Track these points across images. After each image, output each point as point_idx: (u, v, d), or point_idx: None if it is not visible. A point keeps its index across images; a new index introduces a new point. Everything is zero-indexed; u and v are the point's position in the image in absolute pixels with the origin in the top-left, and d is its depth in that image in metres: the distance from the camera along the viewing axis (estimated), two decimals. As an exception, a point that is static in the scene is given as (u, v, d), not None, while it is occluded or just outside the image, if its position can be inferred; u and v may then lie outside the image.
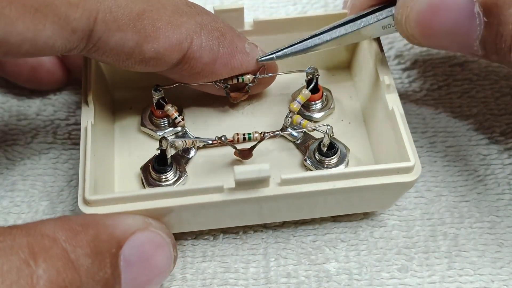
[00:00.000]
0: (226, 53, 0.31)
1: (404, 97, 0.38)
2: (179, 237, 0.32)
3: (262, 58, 0.32)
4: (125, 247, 0.25)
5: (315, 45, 0.32)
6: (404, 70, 0.39)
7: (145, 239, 0.26)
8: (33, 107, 0.37)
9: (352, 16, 0.31)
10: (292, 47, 0.32)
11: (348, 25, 0.31)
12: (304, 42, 0.32)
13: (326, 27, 0.32)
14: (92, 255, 0.24)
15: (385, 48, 0.38)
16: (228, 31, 0.31)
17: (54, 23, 0.25)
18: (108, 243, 0.24)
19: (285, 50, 0.32)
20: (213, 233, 0.32)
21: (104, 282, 0.24)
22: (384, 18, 0.31)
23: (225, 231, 0.32)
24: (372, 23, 0.31)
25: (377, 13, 0.31)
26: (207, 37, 0.30)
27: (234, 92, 0.34)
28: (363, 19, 0.31)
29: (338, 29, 0.31)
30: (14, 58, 0.34)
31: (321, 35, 0.32)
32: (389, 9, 0.31)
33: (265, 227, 0.33)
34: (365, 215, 0.33)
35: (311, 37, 0.32)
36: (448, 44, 0.28)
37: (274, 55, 0.32)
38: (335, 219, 0.33)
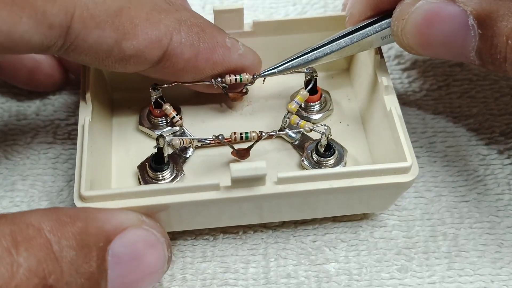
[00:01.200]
0: (207, 48, 0.30)
1: (403, 97, 0.38)
2: (178, 237, 0.32)
3: (264, 73, 0.32)
4: (115, 243, 0.25)
5: (316, 58, 0.32)
6: (404, 70, 0.39)
7: (137, 237, 0.26)
8: (33, 107, 0.37)
9: (351, 28, 0.32)
10: (293, 61, 0.32)
11: (348, 37, 0.31)
12: (305, 56, 0.32)
13: (326, 40, 0.32)
14: (77, 248, 0.24)
15: (384, 48, 0.38)
16: (208, 26, 0.31)
17: (30, 17, 0.25)
18: (95, 237, 0.24)
19: (286, 65, 0.32)
20: (213, 233, 0.32)
21: (89, 275, 0.24)
22: (383, 29, 0.31)
23: (225, 231, 0.32)
24: (371, 34, 0.31)
25: (376, 25, 0.31)
26: (186, 33, 0.30)
27: (232, 93, 0.34)
28: (362, 31, 0.31)
29: (338, 41, 0.31)
30: None
31: (321, 49, 0.32)
32: (388, 20, 0.31)
33: (265, 227, 0.33)
34: (365, 215, 0.33)
35: (311, 50, 0.32)
36: (445, 54, 0.29)
37: (275, 70, 0.32)
38: (335, 219, 0.33)
